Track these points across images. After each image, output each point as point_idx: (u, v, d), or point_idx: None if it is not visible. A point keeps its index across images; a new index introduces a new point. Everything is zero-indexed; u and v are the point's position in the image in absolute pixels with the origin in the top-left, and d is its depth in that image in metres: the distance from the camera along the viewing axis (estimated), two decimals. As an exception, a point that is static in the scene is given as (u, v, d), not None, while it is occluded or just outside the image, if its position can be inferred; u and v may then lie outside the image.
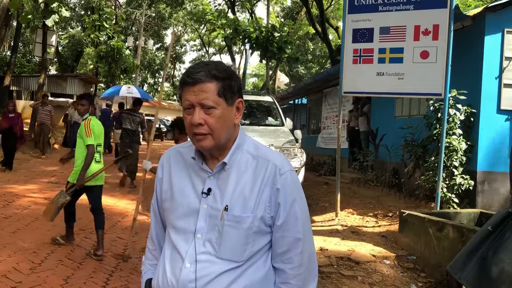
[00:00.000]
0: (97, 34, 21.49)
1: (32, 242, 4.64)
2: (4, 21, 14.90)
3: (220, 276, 1.20)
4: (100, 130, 4.52)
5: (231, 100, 1.24)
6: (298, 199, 1.27)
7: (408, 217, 4.72)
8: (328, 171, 10.80)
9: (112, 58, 21.67)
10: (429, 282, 4.07)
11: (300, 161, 6.94)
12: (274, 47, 13.80)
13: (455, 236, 3.99)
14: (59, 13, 11.69)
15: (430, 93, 5.58)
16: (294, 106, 17.17)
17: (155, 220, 1.44)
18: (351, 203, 7.02)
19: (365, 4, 5.85)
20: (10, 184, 8.07)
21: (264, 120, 8.43)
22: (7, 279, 3.59)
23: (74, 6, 30.48)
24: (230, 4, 27.37)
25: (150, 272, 1.41)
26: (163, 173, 1.38)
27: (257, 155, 1.28)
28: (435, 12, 5.42)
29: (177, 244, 1.26)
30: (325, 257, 4.31)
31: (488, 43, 5.92)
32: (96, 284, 3.63)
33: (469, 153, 5.89)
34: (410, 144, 6.66)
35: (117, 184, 8.70)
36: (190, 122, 1.21)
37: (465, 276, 1.94)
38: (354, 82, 6.00)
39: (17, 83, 21.38)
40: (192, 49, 46.87)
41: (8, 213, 5.89)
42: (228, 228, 1.22)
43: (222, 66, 1.25)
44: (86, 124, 4.38)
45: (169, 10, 35.42)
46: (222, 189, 1.25)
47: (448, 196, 5.68)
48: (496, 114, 5.97)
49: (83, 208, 6.46)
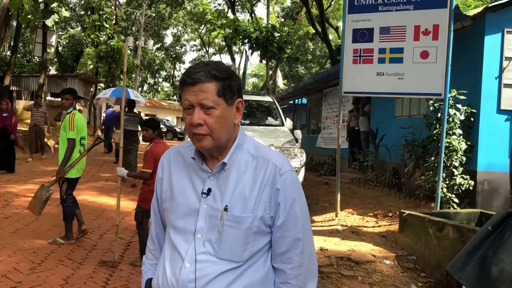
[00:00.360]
0: (97, 34, 21.50)
1: (32, 242, 4.64)
2: (4, 21, 14.90)
3: (220, 276, 1.20)
4: (83, 123, 4.73)
5: (231, 100, 1.24)
6: (298, 199, 1.27)
7: (408, 217, 4.72)
8: (328, 171, 10.80)
9: (112, 58, 21.68)
10: (429, 282, 4.07)
11: (300, 161, 6.94)
12: (274, 47, 13.81)
13: (455, 236, 3.99)
14: (59, 13, 11.69)
15: (430, 93, 5.58)
16: (294, 106, 17.17)
17: (155, 220, 1.44)
18: (351, 203, 7.02)
19: (365, 4, 5.85)
20: (10, 184, 8.07)
21: (264, 120, 8.44)
22: (7, 279, 3.59)
23: (74, 6, 30.48)
24: (230, 4, 27.36)
25: (150, 272, 1.41)
26: (163, 173, 1.38)
27: (257, 155, 1.28)
28: (435, 12, 5.42)
29: (177, 244, 1.26)
30: (325, 257, 4.31)
31: (488, 43, 5.92)
32: (96, 284, 3.63)
33: (469, 153, 5.89)
34: (410, 144, 6.66)
35: (130, 184, 8.63)
36: (190, 122, 1.21)
37: (465, 276, 1.94)
38: (354, 82, 6.00)
39: (17, 83, 21.38)
40: (192, 49, 46.90)
41: (8, 213, 5.89)
42: (227, 228, 1.22)
43: (222, 66, 1.25)
44: (70, 118, 4.57)
45: (169, 10, 35.43)
46: (222, 189, 1.25)
47: (448, 196, 5.68)
48: (496, 114, 5.97)
49: (83, 208, 6.46)
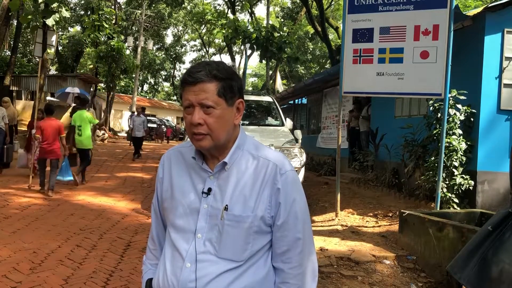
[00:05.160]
0: (97, 34, 21.50)
1: (32, 242, 4.64)
2: (4, 21, 14.90)
3: (220, 275, 1.21)
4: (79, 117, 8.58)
5: (231, 101, 1.24)
6: (298, 199, 1.27)
7: (408, 217, 4.72)
8: (328, 171, 10.80)
9: (112, 58, 21.68)
10: (429, 282, 4.07)
11: (300, 161, 6.93)
12: (274, 47, 13.81)
13: (455, 236, 3.99)
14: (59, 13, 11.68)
15: (430, 93, 5.58)
16: (294, 106, 17.16)
17: (155, 220, 1.44)
18: (351, 203, 7.02)
19: (365, 4, 5.85)
20: (10, 184, 8.07)
21: (264, 120, 8.43)
22: (7, 279, 3.59)
23: (74, 6, 30.47)
24: (230, 4, 27.37)
25: (150, 272, 1.41)
26: (163, 172, 1.38)
27: (258, 155, 1.29)
28: (435, 12, 5.42)
29: (178, 243, 1.26)
30: (325, 257, 4.31)
31: (488, 43, 5.92)
32: (96, 284, 3.63)
33: (469, 153, 5.89)
34: (410, 144, 6.66)
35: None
36: (190, 121, 1.21)
37: (465, 276, 1.94)
38: (354, 82, 6.00)
39: (17, 83, 21.39)
40: (192, 49, 46.92)
41: (8, 213, 5.89)
42: (228, 228, 1.22)
43: (223, 66, 1.25)
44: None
45: (169, 10, 35.43)
46: (222, 189, 1.25)
47: (448, 196, 5.68)
48: (496, 114, 5.97)
49: (83, 208, 6.48)
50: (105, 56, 21.55)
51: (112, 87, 24.24)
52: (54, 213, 6.09)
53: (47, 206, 6.48)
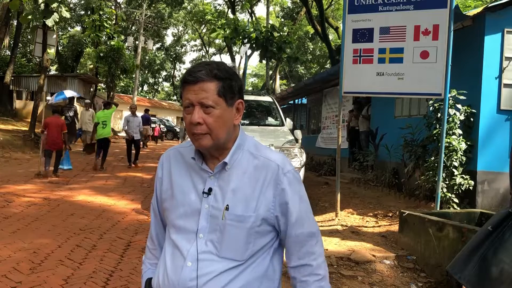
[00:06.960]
0: (97, 34, 21.50)
1: (32, 242, 4.64)
2: (4, 21, 14.90)
3: (221, 274, 1.21)
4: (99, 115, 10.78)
5: (231, 101, 1.24)
6: (303, 196, 1.32)
7: (408, 217, 4.72)
8: (328, 171, 10.80)
9: (112, 58, 21.68)
10: (429, 282, 4.07)
11: (300, 161, 6.93)
12: (274, 47, 13.80)
13: (455, 236, 3.99)
14: (59, 13, 11.70)
15: (430, 93, 5.58)
16: (294, 106, 17.16)
17: (155, 220, 1.44)
18: (351, 203, 7.02)
19: (365, 4, 5.85)
20: (10, 184, 8.07)
21: (264, 120, 8.43)
22: (7, 279, 3.59)
23: (74, 7, 30.48)
24: (230, 4, 27.37)
25: (150, 272, 1.42)
26: (163, 172, 1.38)
27: (258, 155, 1.29)
28: (435, 12, 5.42)
29: (179, 243, 1.27)
30: (325, 257, 4.30)
31: (488, 43, 5.92)
32: (96, 284, 3.63)
33: (469, 153, 5.89)
34: (410, 144, 6.65)
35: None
36: (190, 121, 1.22)
37: (465, 276, 1.94)
38: (354, 82, 6.00)
39: (17, 83, 21.38)
40: (192, 49, 46.92)
41: (8, 213, 5.89)
42: (229, 228, 1.23)
43: (223, 66, 1.25)
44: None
45: (169, 10, 35.43)
46: (223, 189, 1.25)
47: (448, 196, 5.68)
48: (496, 114, 5.97)
49: (83, 208, 6.48)
50: (105, 56, 21.55)
51: (112, 87, 24.23)
52: (54, 213, 6.09)
53: (47, 206, 6.48)
